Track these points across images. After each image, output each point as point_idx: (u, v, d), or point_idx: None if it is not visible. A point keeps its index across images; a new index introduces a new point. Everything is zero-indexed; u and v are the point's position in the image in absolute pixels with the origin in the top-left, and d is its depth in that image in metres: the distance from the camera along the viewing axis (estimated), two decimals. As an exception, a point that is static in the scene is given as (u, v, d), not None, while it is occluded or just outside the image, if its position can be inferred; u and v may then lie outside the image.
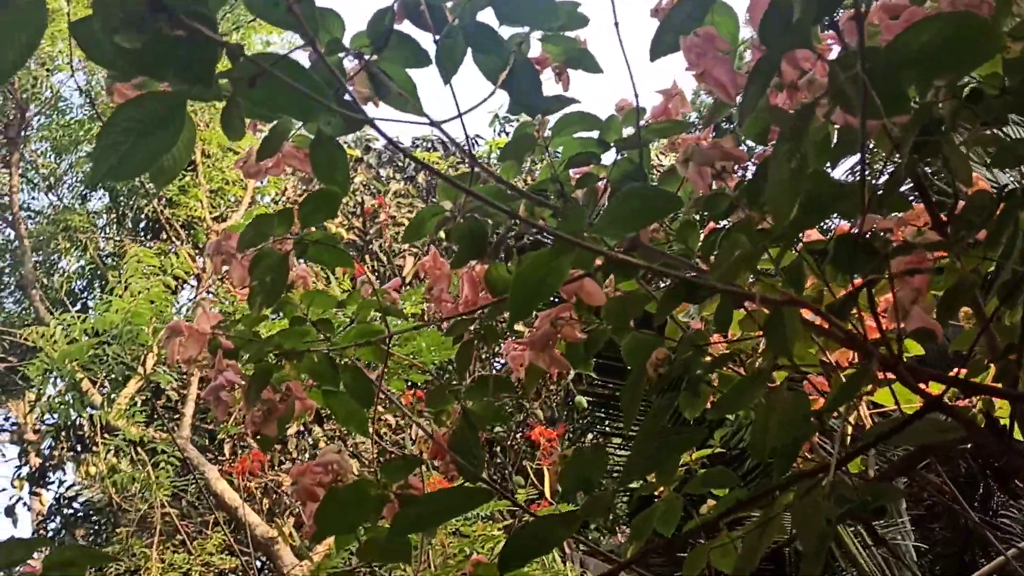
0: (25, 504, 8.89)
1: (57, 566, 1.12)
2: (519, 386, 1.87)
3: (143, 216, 8.24)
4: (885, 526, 5.08)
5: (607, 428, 6.81)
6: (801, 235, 1.32)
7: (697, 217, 1.45)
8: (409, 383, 3.94)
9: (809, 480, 0.93)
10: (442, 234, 1.56)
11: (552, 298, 1.46)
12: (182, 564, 6.36)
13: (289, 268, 1.47)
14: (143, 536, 6.60)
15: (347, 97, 1.31)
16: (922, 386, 0.99)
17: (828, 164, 1.19)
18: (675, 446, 0.91)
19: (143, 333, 5.23)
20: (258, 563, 6.52)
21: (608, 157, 1.64)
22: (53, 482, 9.01)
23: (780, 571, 5.22)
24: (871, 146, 1.24)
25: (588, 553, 6.54)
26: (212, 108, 7.35)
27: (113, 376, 6.09)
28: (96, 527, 8.45)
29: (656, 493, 1.59)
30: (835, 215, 1.09)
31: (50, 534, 8.37)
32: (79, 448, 8.22)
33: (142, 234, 8.13)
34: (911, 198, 1.33)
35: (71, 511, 8.85)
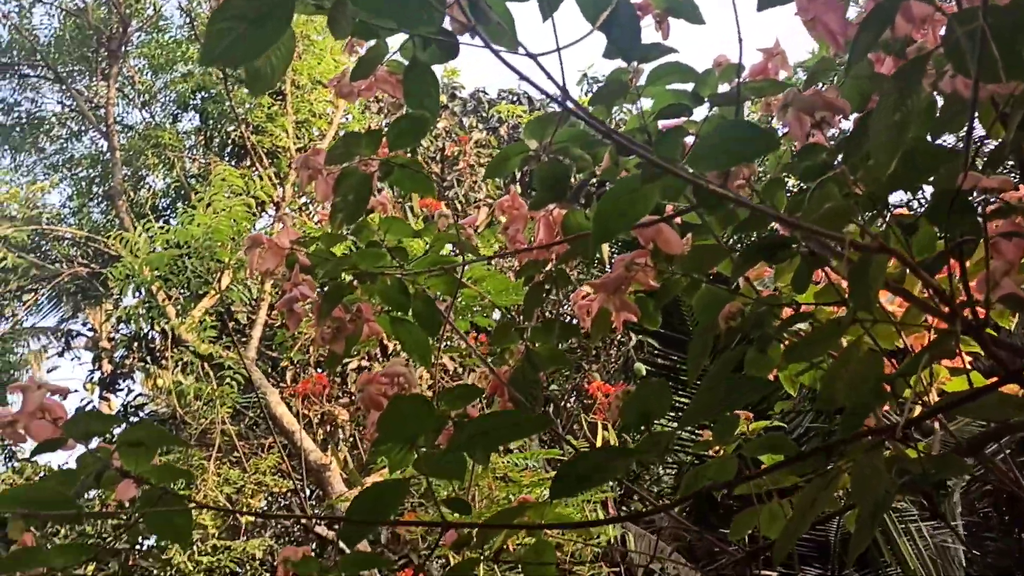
0: (94, 408, 9.25)
1: (129, 443, 1.18)
2: (584, 335, 1.88)
3: (230, 141, 8.41)
4: (937, 528, 5.00)
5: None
6: (889, 209, 1.28)
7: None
8: (473, 326, 3.97)
9: (872, 442, 0.92)
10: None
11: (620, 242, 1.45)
12: (236, 480, 6.57)
13: (372, 188, 1.49)
14: (202, 450, 6.82)
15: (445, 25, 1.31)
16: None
17: (928, 137, 1.15)
18: (741, 391, 0.90)
19: (221, 250, 5.35)
20: (308, 489, 6.71)
21: (700, 113, 1.62)
22: (122, 389, 9.37)
23: (824, 558, 5.18)
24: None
25: (630, 519, 6.57)
26: (305, 40, 7.43)
27: (188, 291, 6.26)
28: (159, 437, 8.75)
29: (712, 452, 1.59)
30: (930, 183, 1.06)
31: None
32: (149, 360, 8.51)
33: (227, 158, 8.29)
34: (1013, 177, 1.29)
35: (136, 419, 9.19)
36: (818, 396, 0.94)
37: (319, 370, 6.62)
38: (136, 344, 9.08)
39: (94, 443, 1.17)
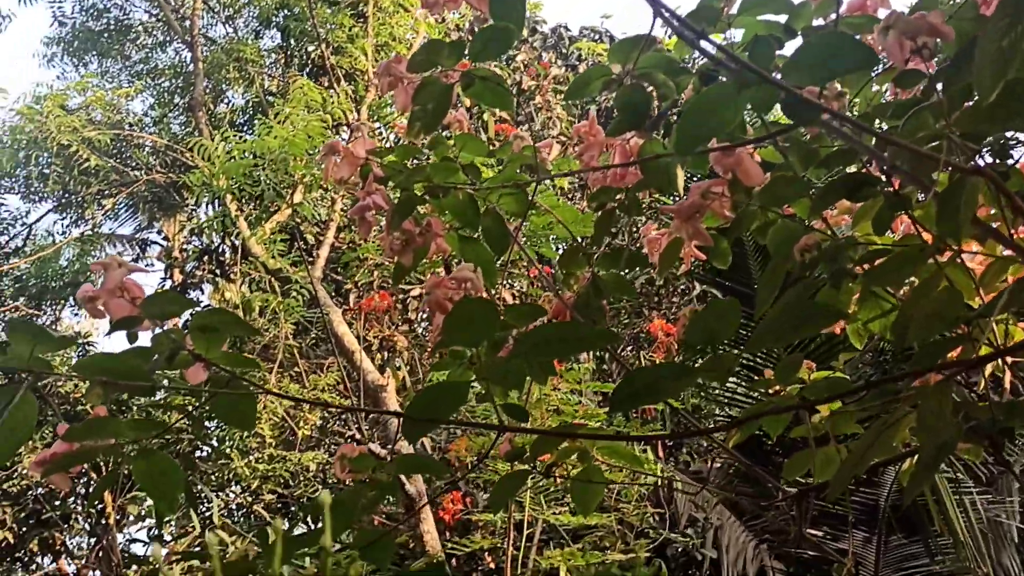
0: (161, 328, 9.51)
1: (202, 328, 1.21)
2: (652, 268, 1.86)
3: (309, 61, 8.45)
4: (992, 502, 4.91)
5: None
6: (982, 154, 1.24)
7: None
8: (539, 258, 3.97)
9: (941, 382, 0.90)
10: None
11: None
12: (296, 394, 6.75)
13: (451, 99, 1.49)
14: (264, 364, 7.01)
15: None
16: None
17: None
18: (814, 317, 0.88)
19: (296, 164, 5.41)
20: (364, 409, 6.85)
21: (791, 48, 1.58)
22: (191, 300, 9.64)
23: (871, 522, 5.14)
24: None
25: (679, 470, 6.59)
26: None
27: (261, 205, 6.37)
28: (224, 348, 9.02)
29: (772, 391, 1.57)
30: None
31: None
32: (218, 272, 8.72)
33: (305, 77, 8.35)
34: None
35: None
36: (893, 328, 0.92)
37: (391, 274, 6.73)
38: (207, 257, 9.30)
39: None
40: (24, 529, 8.36)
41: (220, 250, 9.33)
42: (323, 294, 5.64)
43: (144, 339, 1.26)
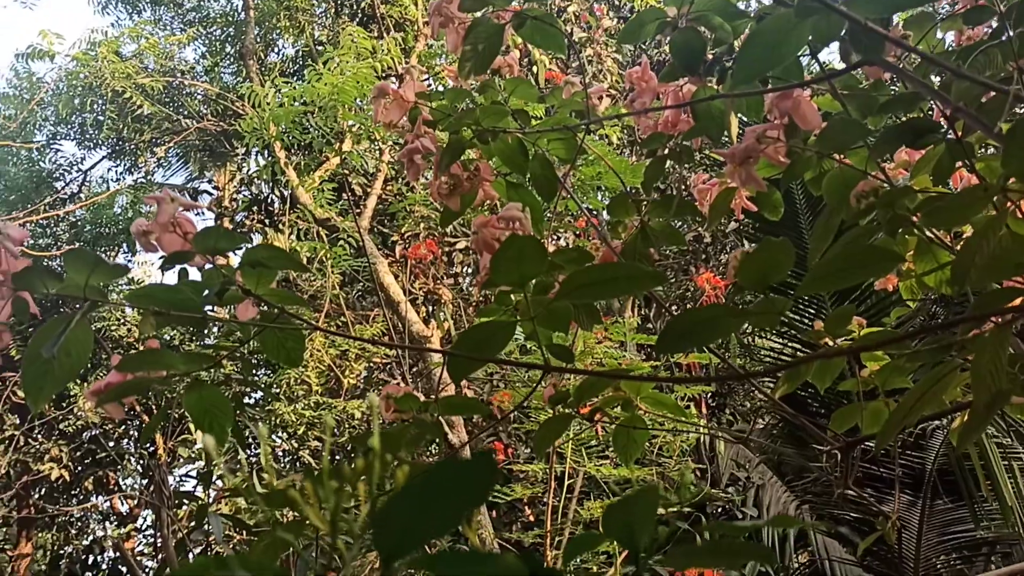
0: (211, 264, 9.66)
1: (252, 263, 1.22)
2: (699, 225, 1.84)
3: (359, 9, 8.43)
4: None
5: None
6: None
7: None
8: (587, 207, 3.95)
9: (997, 332, 0.88)
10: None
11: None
12: (342, 343, 6.84)
13: (503, 40, 1.47)
14: (311, 313, 7.11)
15: None
16: None
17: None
18: (871, 260, 0.86)
19: (345, 112, 5.42)
20: (409, 361, 6.94)
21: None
22: (241, 248, 9.76)
23: (917, 485, 5.09)
24: None
25: (722, 429, 6.58)
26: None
27: (310, 153, 6.40)
28: (271, 298, 9.17)
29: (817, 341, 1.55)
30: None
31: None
32: (267, 222, 8.81)
33: (355, 25, 8.33)
34: None
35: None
36: (952, 273, 0.90)
37: (439, 217, 6.77)
38: (256, 207, 9.40)
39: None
40: (80, 468, 8.64)
41: (269, 200, 9.42)
42: (370, 244, 5.68)
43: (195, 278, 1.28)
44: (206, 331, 1.68)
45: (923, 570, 5.18)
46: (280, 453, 7.38)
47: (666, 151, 1.69)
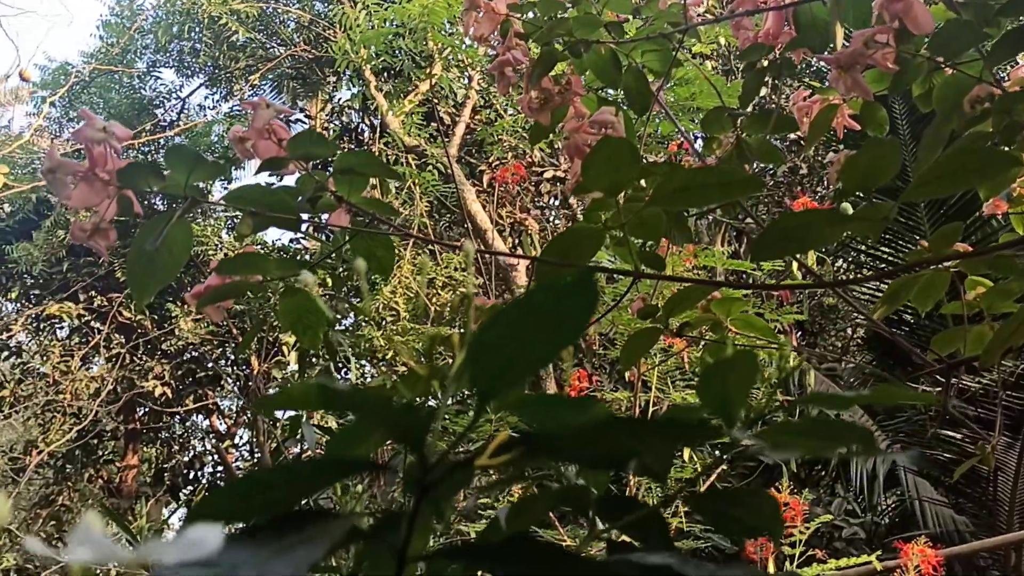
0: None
1: (344, 170, 1.23)
2: (798, 148, 1.78)
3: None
4: None
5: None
6: None
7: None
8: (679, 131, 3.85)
9: None
10: None
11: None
12: (430, 272, 6.93)
13: (598, -56, 1.43)
14: (399, 242, 7.20)
15: None
16: None
17: None
18: (989, 161, 0.81)
19: (436, 34, 5.39)
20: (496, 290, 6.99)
21: None
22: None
23: (1015, 428, 4.93)
24: None
25: (812, 366, 6.45)
26: None
27: (399, 79, 6.40)
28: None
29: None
30: None
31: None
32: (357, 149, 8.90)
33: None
34: None
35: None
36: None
37: (529, 135, 6.75)
38: (347, 136, 9.50)
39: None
40: (181, 387, 9.05)
41: (359, 129, 9.50)
42: (458, 172, 5.69)
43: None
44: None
45: (1018, 515, 5.05)
46: (369, 379, 7.58)
47: (766, 64, 1.63)
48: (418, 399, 0.37)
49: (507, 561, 0.30)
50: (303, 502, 0.32)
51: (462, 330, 0.38)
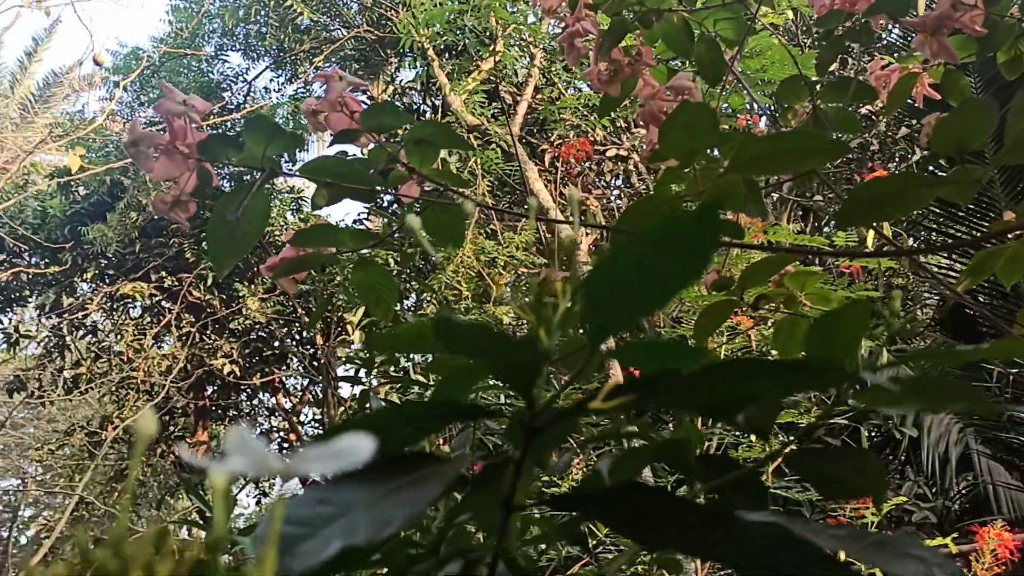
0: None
1: (416, 140, 1.23)
2: (869, 124, 1.73)
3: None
4: None
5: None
6: None
7: None
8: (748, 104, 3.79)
9: None
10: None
11: None
12: (490, 251, 6.95)
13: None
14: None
15: None
16: None
17: None
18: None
19: (498, 8, 5.36)
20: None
21: None
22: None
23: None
24: None
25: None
26: None
27: (462, 59, 6.39)
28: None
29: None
30: None
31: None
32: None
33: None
34: None
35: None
36: None
37: (599, 107, 6.72)
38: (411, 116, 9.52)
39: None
40: (248, 365, 9.23)
41: (420, 110, 9.52)
42: (521, 150, 5.68)
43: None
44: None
45: (1098, 501, 4.89)
46: (430, 358, 7.62)
47: (843, 30, 1.59)
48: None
49: (619, 508, 0.29)
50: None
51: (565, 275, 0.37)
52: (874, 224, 1.53)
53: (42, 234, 8.48)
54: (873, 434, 5.89)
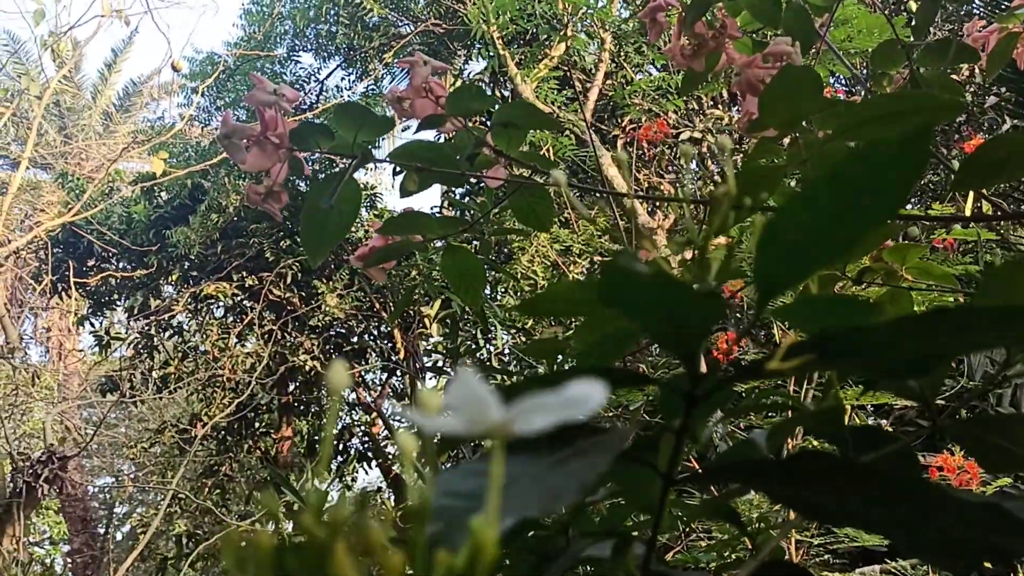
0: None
1: (504, 122, 1.21)
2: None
3: None
4: None
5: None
6: None
7: None
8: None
9: None
10: None
11: None
12: (565, 239, 6.92)
13: None
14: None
15: None
16: None
17: None
18: None
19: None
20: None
21: None
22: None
23: None
24: None
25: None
26: None
27: (531, 50, 6.36)
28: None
29: None
30: None
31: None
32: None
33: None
34: None
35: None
36: None
37: (680, 85, 6.64)
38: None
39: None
40: (329, 361, 9.38)
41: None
42: (594, 137, 5.63)
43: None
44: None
45: None
46: (505, 351, 7.64)
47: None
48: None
49: (792, 477, 0.27)
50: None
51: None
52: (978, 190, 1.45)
53: (128, 239, 8.76)
54: (970, 409, 5.69)
